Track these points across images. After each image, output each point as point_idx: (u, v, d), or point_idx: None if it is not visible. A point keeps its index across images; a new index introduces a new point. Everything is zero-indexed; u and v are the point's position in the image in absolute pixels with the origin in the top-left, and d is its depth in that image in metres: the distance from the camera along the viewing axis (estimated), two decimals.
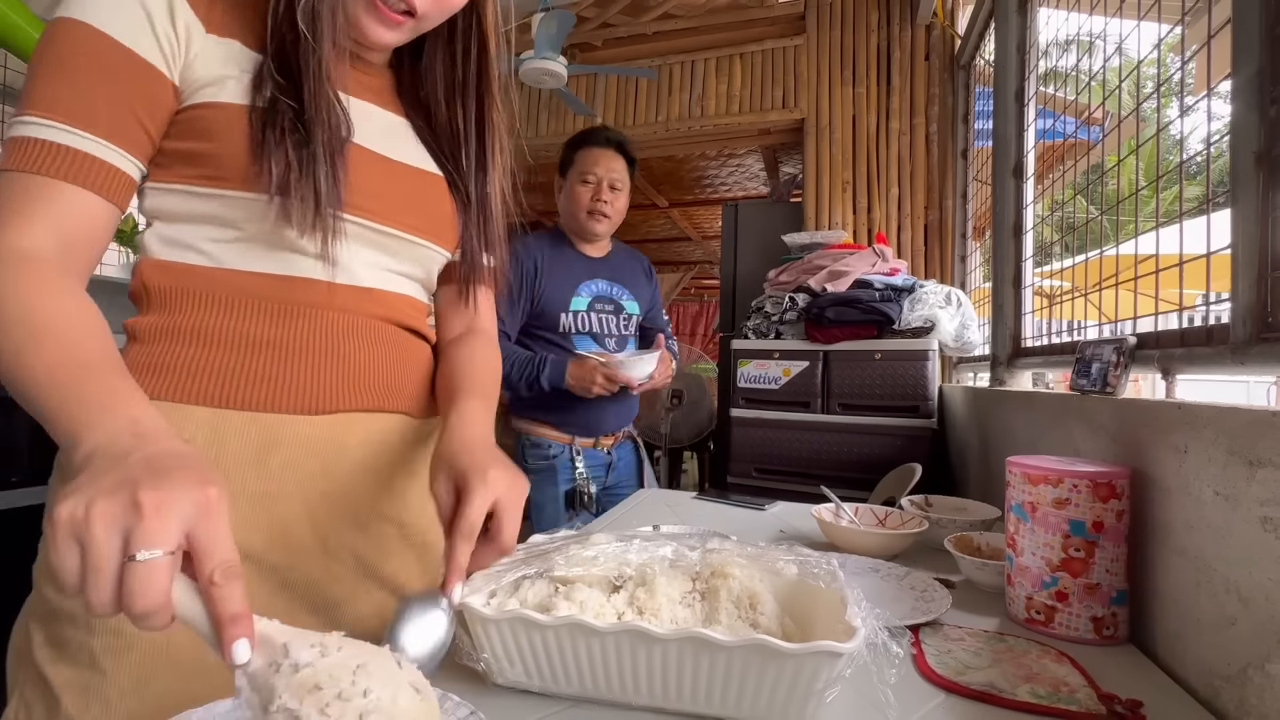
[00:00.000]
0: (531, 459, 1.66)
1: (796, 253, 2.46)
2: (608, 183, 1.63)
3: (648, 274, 1.83)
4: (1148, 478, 0.75)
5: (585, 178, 1.63)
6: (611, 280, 1.71)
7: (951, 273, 2.58)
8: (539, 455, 1.65)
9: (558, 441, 1.65)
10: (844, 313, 2.13)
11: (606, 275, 1.71)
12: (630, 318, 1.72)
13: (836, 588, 0.59)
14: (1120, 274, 1.11)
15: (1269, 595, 0.54)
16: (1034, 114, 1.65)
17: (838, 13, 2.82)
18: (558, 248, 1.69)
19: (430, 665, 0.50)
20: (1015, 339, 1.64)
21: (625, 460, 1.76)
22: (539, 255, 1.63)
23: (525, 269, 1.61)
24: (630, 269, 1.78)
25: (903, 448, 2.00)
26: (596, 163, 1.63)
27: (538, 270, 1.62)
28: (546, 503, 1.64)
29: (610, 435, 1.71)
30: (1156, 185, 1.05)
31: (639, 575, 0.62)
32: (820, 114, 2.79)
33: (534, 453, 1.66)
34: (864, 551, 0.99)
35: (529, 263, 1.62)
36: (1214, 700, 0.60)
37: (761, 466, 2.21)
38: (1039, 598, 0.75)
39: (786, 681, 0.50)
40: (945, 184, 2.62)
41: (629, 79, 3.10)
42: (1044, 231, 1.64)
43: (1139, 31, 1.08)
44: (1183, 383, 0.89)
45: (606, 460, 1.71)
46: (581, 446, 1.66)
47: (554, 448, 1.65)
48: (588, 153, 1.64)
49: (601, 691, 0.56)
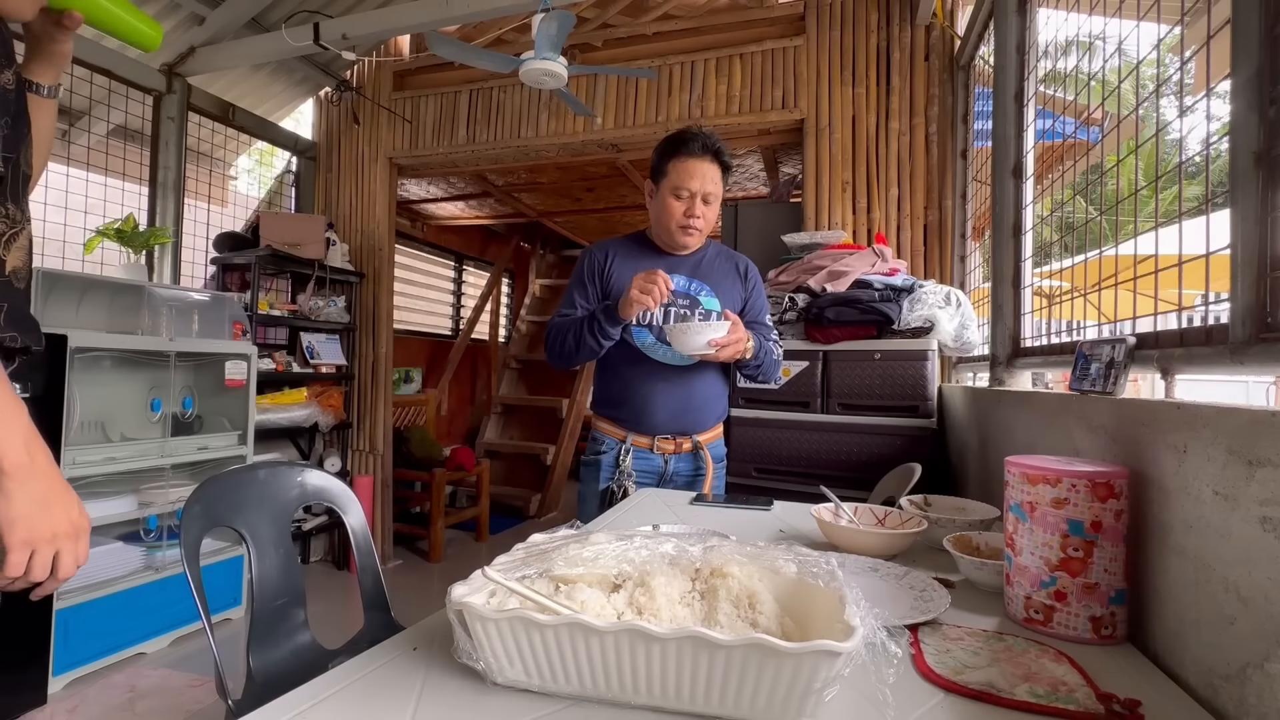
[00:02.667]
0: (589, 451, 1.67)
1: (796, 253, 2.46)
2: (701, 196, 1.53)
3: (743, 275, 1.69)
4: (1147, 477, 0.75)
5: (679, 192, 1.53)
6: (692, 276, 1.62)
7: (951, 273, 2.58)
8: (593, 449, 1.66)
9: (612, 437, 1.63)
10: (844, 313, 2.13)
11: (687, 271, 1.62)
12: (708, 314, 1.59)
13: (835, 587, 0.60)
14: (1119, 274, 1.11)
15: (1268, 595, 0.54)
16: (1033, 114, 1.65)
17: (837, 13, 2.82)
18: (638, 246, 1.67)
19: None
20: (1014, 339, 1.64)
21: (683, 473, 1.65)
22: (611, 250, 1.64)
23: (595, 261, 1.63)
24: (720, 268, 1.66)
25: (902, 447, 2.00)
26: (691, 176, 1.52)
27: (608, 261, 1.62)
28: (589, 497, 1.63)
29: (669, 439, 1.61)
30: (1156, 185, 1.05)
31: (639, 575, 0.62)
32: (820, 114, 2.80)
33: (592, 446, 1.67)
34: (863, 551, 0.99)
35: (600, 256, 1.63)
36: (1213, 700, 0.60)
37: (761, 466, 2.21)
38: (1038, 597, 0.75)
39: (785, 680, 0.50)
40: (945, 184, 2.62)
41: (629, 79, 3.10)
42: (1043, 231, 1.64)
43: (1139, 32, 1.08)
44: (1182, 383, 0.89)
45: (661, 469, 1.62)
46: (634, 445, 1.60)
47: (606, 443, 1.63)
48: (682, 165, 1.52)
49: (601, 691, 0.56)
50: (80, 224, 2.66)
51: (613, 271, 1.62)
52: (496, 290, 5.83)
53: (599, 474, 1.62)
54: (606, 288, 1.61)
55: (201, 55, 2.90)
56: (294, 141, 3.68)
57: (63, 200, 2.62)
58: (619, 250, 1.65)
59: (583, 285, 1.63)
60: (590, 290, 1.62)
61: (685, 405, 1.61)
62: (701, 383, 1.62)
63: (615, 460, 1.61)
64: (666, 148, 1.56)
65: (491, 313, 5.85)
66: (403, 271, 4.70)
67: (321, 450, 3.50)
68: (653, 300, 1.39)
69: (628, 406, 1.60)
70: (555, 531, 0.74)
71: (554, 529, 0.75)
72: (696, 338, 1.40)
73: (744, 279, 1.69)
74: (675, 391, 1.59)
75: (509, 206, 4.89)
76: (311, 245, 3.21)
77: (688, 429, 1.62)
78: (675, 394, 1.59)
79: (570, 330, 1.55)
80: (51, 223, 2.59)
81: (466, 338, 5.35)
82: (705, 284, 1.62)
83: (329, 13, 2.87)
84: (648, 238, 1.68)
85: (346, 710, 0.56)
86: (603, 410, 1.66)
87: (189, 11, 2.86)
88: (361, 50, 3.21)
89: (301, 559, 3.47)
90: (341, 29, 2.65)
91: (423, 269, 5.24)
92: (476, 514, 4.18)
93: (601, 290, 1.62)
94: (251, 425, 2.76)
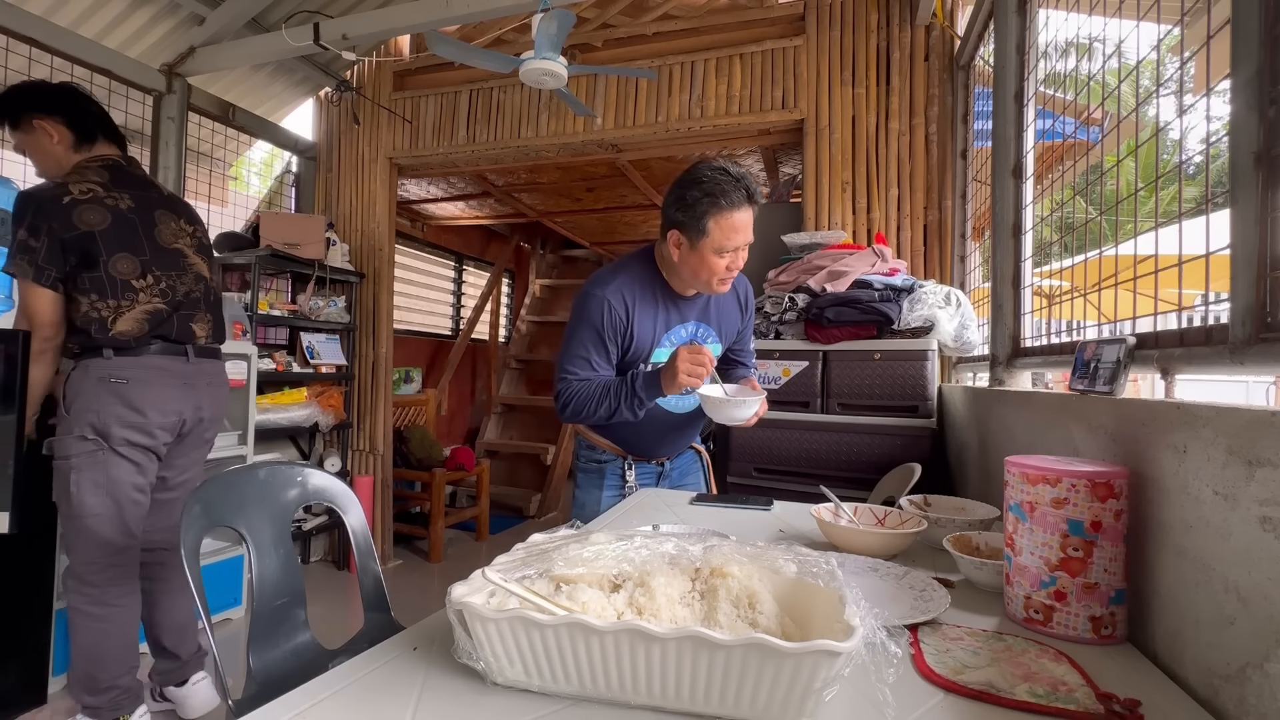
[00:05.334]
0: (583, 459, 1.66)
1: (796, 253, 2.46)
2: (744, 248, 1.40)
3: (743, 304, 1.64)
4: (1146, 477, 0.75)
5: (722, 251, 1.37)
6: (700, 320, 1.55)
7: (951, 273, 2.58)
8: (590, 458, 1.65)
9: (611, 452, 1.62)
10: (843, 313, 2.13)
11: (696, 316, 1.54)
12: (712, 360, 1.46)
13: (835, 587, 0.60)
14: (1119, 274, 1.11)
15: (1268, 595, 0.54)
16: (1033, 114, 1.65)
17: (837, 13, 2.82)
18: (647, 288, 1.49)
19: None
20: (1014, 339, 1.64)
21: (680, 469, 1.70)
22: (630, 302, 1.45)
23: (617, 317, 1.44)
24: (726, 304, 1.59)
25: (902, 447, 2.00)
26: (737, 232, 1.35)
27: (629, 317, 1.45)
28: (588, 501, 1.63)
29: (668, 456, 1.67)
30: (1155, 185, 1.05)
31: (639, 575, 0.62)
32: (820, 114, 2.80)
33: (586, 454, 1.66)
34: (863, 551, 0.99)
35: (620, 310, 1.44)
36: (1213, 699, 0.60)
37: (761, 466, 2.21)
38: (1037, 597, 0.75)
39: (785, 680, 0.50)
40: (945, 184, 2.62)
41: (629, 79, 3.10)
42: (1043, 231, 1.64)
43: (1138, 32, 1.08)
44: (1182, 382, 0.89)
45: (658, 470, 1.66)
46: (636, 460, 1.63)
47: (606, 454, 1.63)
48: (728, 222, 1.34)
49: (601, 690, 0.56)
50: None
51: (631, 331, 1.47)
52: (497, 290, 5.83)
53: (603, 481, 1.62)
54: (626, 343, 1.48)
55: (201, 55, 2.90)
56: (294, 141, 3.68)
57: None
58: (632, 295, 1.47)
59: (602, 344, 1.45)
60: (612, 351, 1.47)
61: (686, 437, 1.68)
62: (699, 415, 1.61)
63: (620, 470, 1.62)
64: (706, 204, 1.34)
65: (492, 313, 5.85)
66: (403, 271, 4.70)
67: (321, 450, 3.50)
68: (700, 380, 1.32)
69: (631, 443, 1.61)
70: (555, 531, 0.74)
71: (554, 529, 0.75)
72: (738, 411, 1.35)
73: (744, 309, 1.65)
74: (679, 430, 1.62)
75: (509, 206, 4.89)
76: (311, 245, 3.21)
77: (684, 448, 1.71)
78: (678, 431, 1.63)
79: (602, 400, 1.42)
80: None
81: (466, 338, 5.35)
82: (710, 328, 1.57)
83: (329, 13, 2.86)
84: (655, 270, 1.51)
85: (346, 710, 0.56)
86: (600, 433, 1.62)
87: (189, 11, 2.86)
88: (361, 50, 3.21)
89: (301, 559, 3.47)
90: (341, 29, 2.65)
91: (423, 269, 5.24)
92: (476, 514, 4.18)
93: (622, 346, 1.48)
94: (251, 425, 2.76)
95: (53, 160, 1.76)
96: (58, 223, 1.63)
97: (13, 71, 2.49)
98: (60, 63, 2.60)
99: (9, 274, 1.64)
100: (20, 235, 1.61)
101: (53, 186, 1.68)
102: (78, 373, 1.69)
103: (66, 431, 1.68)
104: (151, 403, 1.74)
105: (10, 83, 2.48)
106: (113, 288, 1.69)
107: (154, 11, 2.80)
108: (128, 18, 2.76)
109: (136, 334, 1.72)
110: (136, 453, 1.74)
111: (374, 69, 3.60)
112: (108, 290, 1.69)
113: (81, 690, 1.71)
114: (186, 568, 0.98)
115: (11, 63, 2.49)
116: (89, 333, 1.67)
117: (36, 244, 1.61)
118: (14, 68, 2.50)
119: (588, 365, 1.46)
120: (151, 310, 1.75)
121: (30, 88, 1.80)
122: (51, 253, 1.62)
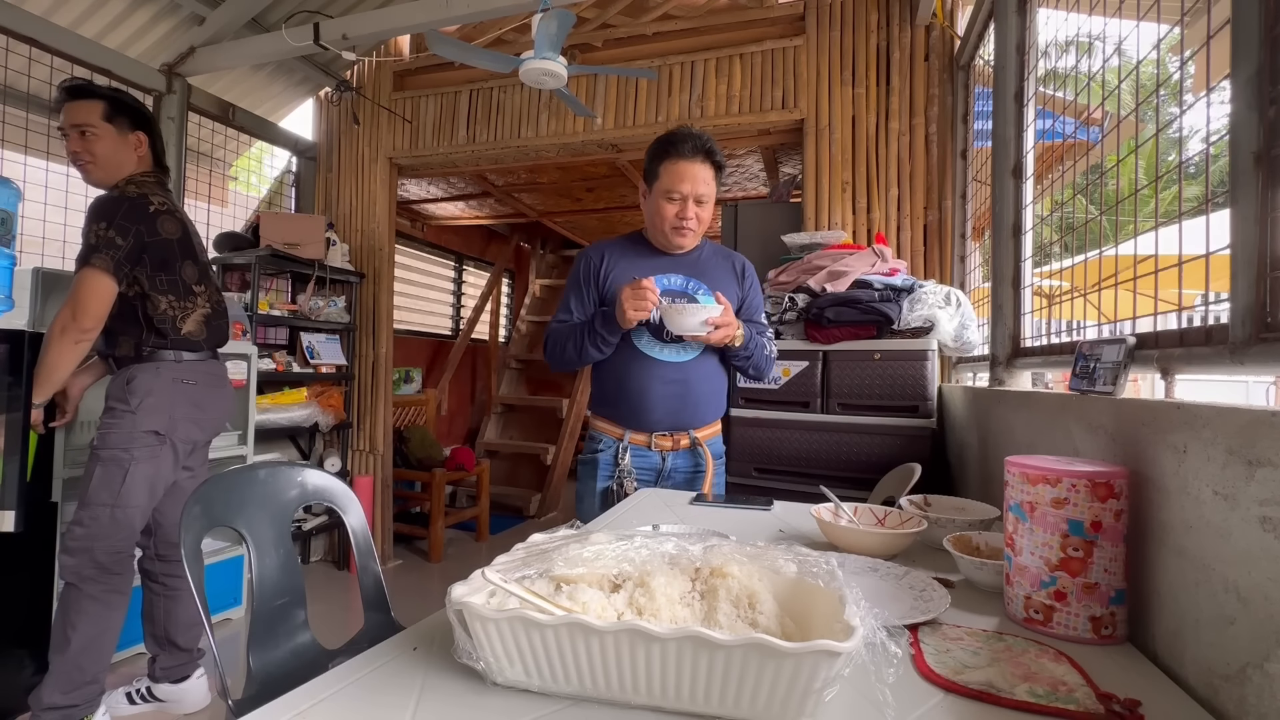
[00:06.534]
0: (586, 450, 1.67)
1: (796, 253, 2.46)
2: (694, 198, 1.53)
3: (740, 274, 1.69)
4: (1146, 477, 0.75)
5: (670, 195, 1.53)
6: (689, 275, 1.61)
7: (951, 273, 2.58)
8: (590, 448, 1.66)
9: (609, 435, 1.62)
10: (843, 313, 2.13)
11: (685, 270, 1.62)
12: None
13: (835, 587, 0.60)
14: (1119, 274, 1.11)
15: (1268, 595, 0.54)
16: (1033, 114, 1.65)
17: (837, 13, 2.82)
18: (633, 246, 1.66)
19: None
20: (1014, 339, 1.64)
21: (682, 470, 1.64)
22: (607, 251, 1.63)
23: (592, 265, 1.62)
24: (718, 267, 1.66)
25: (902, 447, 2.00)
26: (682, 179, 1.51)
27: (604, 263, 1.61)
28: (586, 495, 1.63)
29: (666, 436, 1.60)
30: (1155, 185, 1.05)
31: (639, 575, 0.62)
32: (820, 114, 2.79)
33: (589, 445, 1.67)
34: (863, 551, 0.99)
35: (595, 259, 1.62)
36: (1213, 699, 0.60)
37: (761, 466, 2.21)
38: (1037, 597, 0.75)
39: (785, 680, 0.50)
40: (945, 184, 2.62)
41: (629, 79, 3.10)
42: (1043, 231, 1.64)
43: (1138, 32, 1.08)
44: (1182, 382, 0.89)
45: (659, 465, 1.62)
46: (633, 443, 1.60)
47: (603, 441, 1.63)
48: (674, 167, 1.51)
49: (601, 691, 0.56)
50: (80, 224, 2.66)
51: (609, 273, 1.61)
52: (496, 290, 5.83)
53: (597, 471, 1.62)
54: (604, 290, 1.61)
55: (201, 55, 2.90)
56: (294, 142, 3.68)
57: (63, 200, 2.62)
58: (615, 251, 1.65)
59: (579, 289, 1.63)
60: (587, 294, 1.62)
61: (682, 401, 1.60)
62: (698, 379, 1.60)
63: (614, 458, 1.61)
64: (658, 149, 1.55)
65: (491, 313, 5.85)
66: (403, 271, 4.70)
67: (321, 450, 3.50)
68: (645, 312, 1.44)
69: (624, 404, 1.60)
70: (555, 531, 0.74)
71: (554, 529, 0.75)
72: (692, 319, 1.44)
73: (741, 278, 1.69)
74: (671, 387, 1.58)
75: (509, 206, 4.89)
76: (311, 245, 3.21)
77: (684, 425, 1.62)
78: (671, 390, 1.59)
79: (570, 338, 1.57)
80: (51, 223, 2.59)
81: (466, 338, 5.35)
82: (702, 283, 1.61)
83: (329, 13, 2.87)
84: (644, 238, 1.68)
85: (346, 710, 0.56)
86: (599, 409, 1.66)
87: (189, 11, 2.86)
88: (361, 50, 3.21)
89: (301, 559, 3.47)
90: (341, 29, 2.65)
91: (423, 269, 5.24)
92: (476, 514, 4.18)
93: (599, 293, 1.62)
94: (251, 425, 2.76)
95: (116, 167, 1.87)
96: (145, 227, 1.77)
97: (13, 71, 2.49)
98: (60, 63, 2.60)
99: (91, 267, 1.69)
100: (108, 233, 1.71)
101: (136, 196, 1.80)
102: (148, 373, 1.81)
103: (130, 426, 1.76)
104: (211, 405, 1.93)
105: (10, 83, 2.49)
106: (185, 291, 1.87)
107: (154, 11, 2.80)
108: (128, 18, 2.76)
109: (198, 335, 1.90)
110: (184, 450, 1.89)
111: (374, 69, 3.60)
112: (181, 292, 1.86)
113: (55, 690, 1.70)
114: (187, 568, 0.98)
115: (11, 63, 2.48)
116: (163, 331, 1.82)
117: (123, 243, 1.72)
118: (14, 68, 2.49)
119: (567, 310, 1.64)
120: (206, 314, 1.93)
121: (134, 99, 1.93)
122: (132, 253, 1.74)
